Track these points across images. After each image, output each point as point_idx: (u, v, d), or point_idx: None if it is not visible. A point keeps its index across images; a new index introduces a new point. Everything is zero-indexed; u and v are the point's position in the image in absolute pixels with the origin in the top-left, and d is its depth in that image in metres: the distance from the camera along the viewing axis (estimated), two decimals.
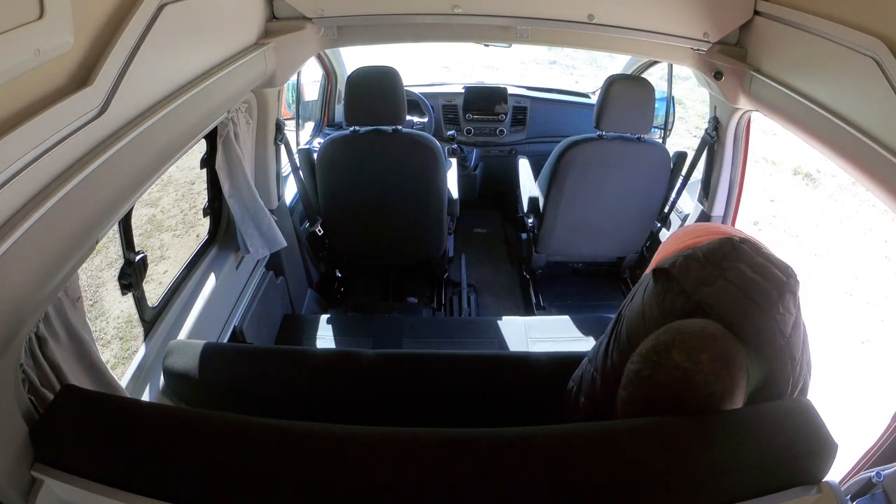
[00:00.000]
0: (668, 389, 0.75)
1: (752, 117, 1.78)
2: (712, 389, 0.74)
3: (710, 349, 0.75)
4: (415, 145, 2.04)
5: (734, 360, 0.76)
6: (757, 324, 0.79)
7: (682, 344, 0.76)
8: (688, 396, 0.75)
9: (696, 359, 0.74)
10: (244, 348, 1.40)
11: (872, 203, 4.31)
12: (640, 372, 0.78)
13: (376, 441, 0.79)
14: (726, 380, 0.75)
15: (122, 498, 0.77)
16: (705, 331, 0.77)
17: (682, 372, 0.74)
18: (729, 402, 0.76)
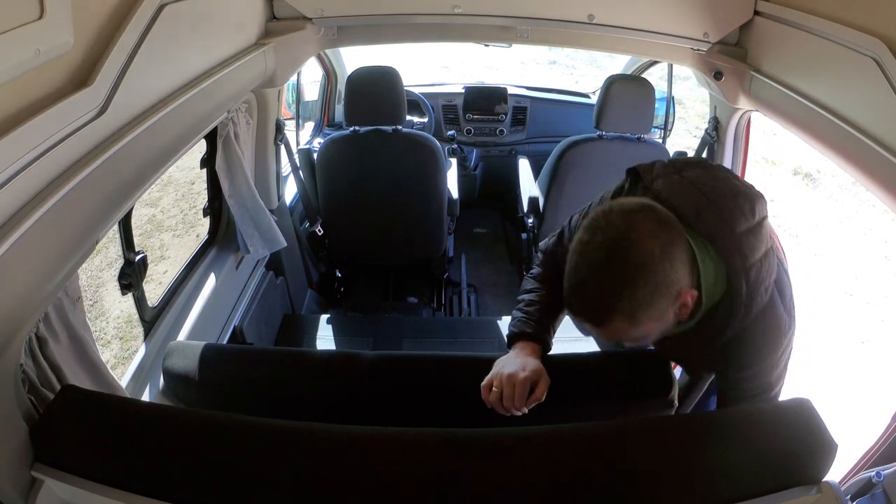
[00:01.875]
0: (607, 250, 0.78)
1: (752, 117, 1.78)
2: (650, 249, 0.77)
3: (646, 212, 0.80)
4: (415, 145, 2.04)
5: (670, 223, 0.80)
6: (704, 213, 0.84)
7: (620, 208, 0.81)
8: (625, 259, 0.77)
9: (631, 219, 0.78)
10: (244, 349, 1.40)
11: (872, 203, 4.31)
12: (581, 238, 0.81)
13: (376, 441, 0.79)
14: (663, 239, 0.78)
15: (122, 498, 0.77)
16: (642, 202, 0.83)
17: (619, 231, 0.77)
18: (669, 266, 0.78)
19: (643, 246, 0.77)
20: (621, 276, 0.77)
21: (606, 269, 0.78)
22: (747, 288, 0.84)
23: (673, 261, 0.78)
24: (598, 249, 0.78)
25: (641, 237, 0.77)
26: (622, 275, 0.77)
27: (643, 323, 0.80)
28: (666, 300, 0.79)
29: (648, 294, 0.77)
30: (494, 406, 0.91)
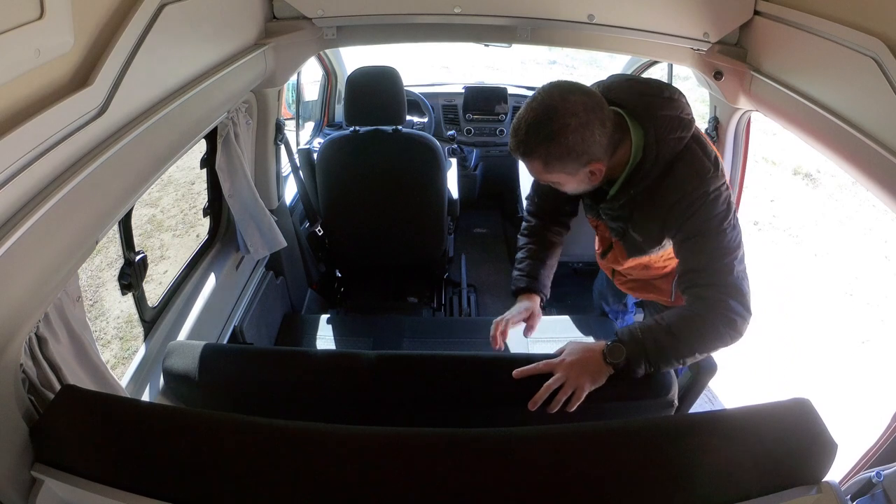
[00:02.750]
0: (541, 111, 1.03)
1: (752, 117, 1.78)
2: (570, 121, 1.01)
3: (579, 95, 1.04)
4: (415, 145, 2.04)
5: (597, 109, 1.04)
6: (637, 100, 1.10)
7: (562, 87, 1.05)
8: (550, 122, 1.01)
9: (566, 96, 1.03)
10: (244, 349, 1.40)
11: (872, 203, 4.31)
12: (530, 98, 1.06)
13: (376, 441, 0.79)
14: (583, 118, 1.02)
15: (122, 498, 0.77)
16: (583, 88, 1.07)
17: (553, 102, 1.02)
18: (581, 139, 1.02)
19: (566, 118, 1.01)
20: (543, 133, 1.03)
21: (535, 124, 1.03)
22: (655, 130, 1.09)
23: (585, 136, 1.03)
24: (536, 109, 1.04)
25: (567, 111, 1.02)
26: (544, 132, 1.03)
27: (554, 172, 1.09)
28: (576, 163, 1.06)
29: (559, 154, 1.04)
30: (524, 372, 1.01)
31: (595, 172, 1.09)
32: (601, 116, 1.04)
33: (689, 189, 1.10)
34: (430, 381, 1.00)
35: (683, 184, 1.10)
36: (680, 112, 1.11)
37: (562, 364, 1.01)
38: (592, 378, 1.00)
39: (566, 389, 0.98)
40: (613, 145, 1.09)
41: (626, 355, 1.02)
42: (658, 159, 1.09)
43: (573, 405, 0.98)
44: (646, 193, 1.15)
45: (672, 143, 1.09)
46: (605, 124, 1.05)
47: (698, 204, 1.10)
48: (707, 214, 1.09)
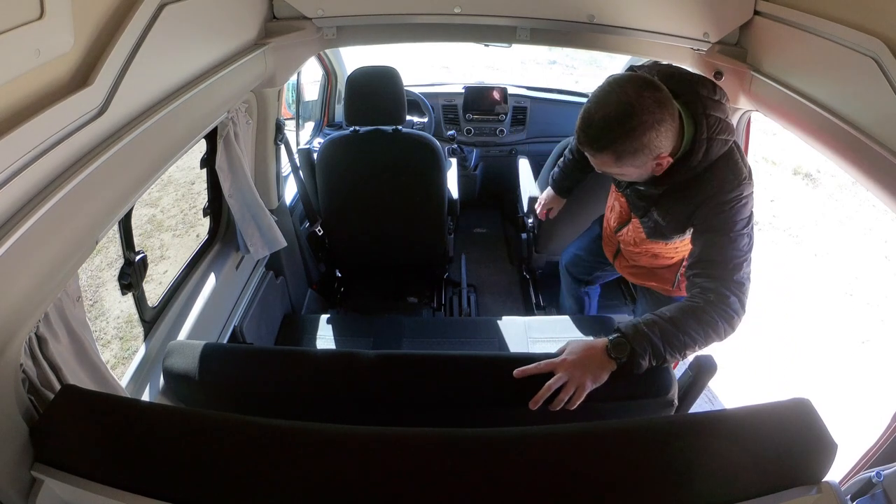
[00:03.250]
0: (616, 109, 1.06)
1: (752, 117, 1.78)
2: (646, 119, 1.05)
3: (652, 90, 1.07)
4: (415, 145, 2.04)
5: (667, 103, 1.08)
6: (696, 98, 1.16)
7: (635, 81, 1.08)
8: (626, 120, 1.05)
9: (640, 92, 1.06)
10: (244, 349, 1.40)
11: (872, 203, 4.31)
12: (600, 91, 1.10)
13: (376, 441, 0.79)
14: (657, 116, 1.06)
15: (122, 498, 0.77)
16: (654, 82, 1.10)
17: (629, 98, 1.05)
18: (656, 136, 1.07)
19: (642, 116, 1.05)
20: (619, 130, 1.06)
21: (612, 121, 1.06)
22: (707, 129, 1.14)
23: (660, 132, 1.07)
24: (609, 105, 1.06)
25: (643, 108, 1.05)
26: (620, 130, 1.06)
27: (625, 166, 1.13)
28: (647, 157, 1.11)
29: (634, 149, 1.08)
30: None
31: (661, 164, 1.14)
32: (672, 112, 1.10)
33: (727, 188, 1.17)
34: (429, 381, 1.00)
35: (723, 182, 1.17)
36: (726, 116, 1.19)
37: (563, 363, 1.01)
38: (594, 376, 1.01)
39: (568, 388, 0.98)
40: (678, 140, 1.14)
41: (630, 349, 1.02)
42: (705, 157, 1.16)
43: (574, 404, 0.98)
44: (683, 184, 1.21)
45: (719, 143, 1.16)
46: (675, 119, 1.11)
47: (731, 204, 1.16)
48: (735, 216, 1.16)
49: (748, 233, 1.17)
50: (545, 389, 0.98)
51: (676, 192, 1.24)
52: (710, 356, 1.07)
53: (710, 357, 1.07)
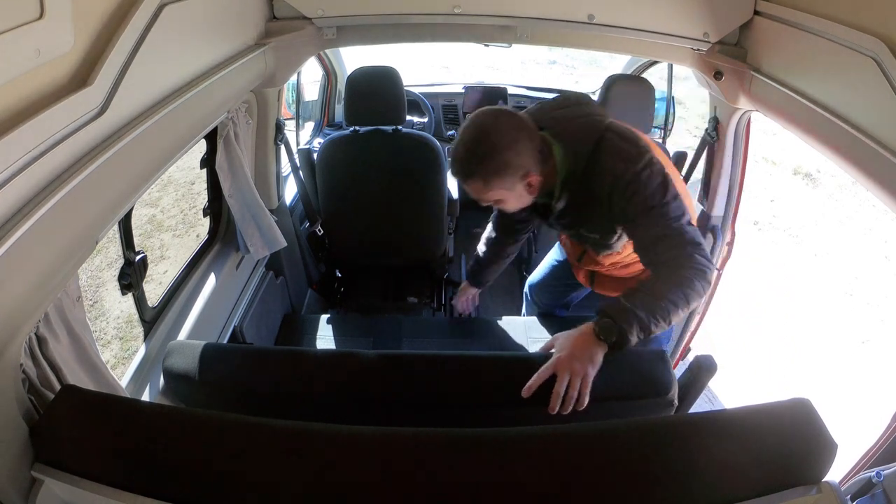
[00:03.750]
0: (474, 133, 1.15)
1: (752, 117, 1.78)
2: (503, 139, 1.12)
3: (507, 116, 1.16)
4: (415, 145, 2.04)
5: (524, 127, 1.16)
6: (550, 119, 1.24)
7: (491, 109, 1.19)
8: (483, 141, 1.13)
9: (495, 116, 1.15)
10: (244, 349, 1.40)
11: (872, 203, 4.31)
12: (463, 124, 1.18)
13: (377, 441, 0.79)
14: (513, 136, 1.13)
15: (122, 498, 0.77)
16: (509, 110, 1.20)
17: (485, 123, 1.15)
18: (515, 154, 1.13)
19: (498, 136, 1.13)
20: (479, 153, 1.13)
21: (472, 146, 1.14)
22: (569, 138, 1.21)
23: (518, 150, 1.13)
24: (470, 131, 1.15)
25: (498, 130, 1.13)
26: (480, 152, 1.13)
27: (495, 189, 1.18)
28: (513, 177, 1.16)
29: (496, 169, 1.14)
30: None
31: (532, 184, 1.19)
32: (528, 133, 1.16)
33: (619, 174, 1.17)
34: (430, 381, 1.00)
35: (612, 171, 1.18)
36: (589, 112, 1.25)
37: (560, 362, 1.00)
38: (592, 362, 1.00)
39: (574, 384, 0.97)
40: (543, 158, 1.19)
41: (617, 328, 1.02)
42: (577, 157, 1.20)
43: (584, 397, 0.97)
44: (583, 194, 1.24)
45: (583, 139, 1.21)
46: (532, 138, 1.17)
47: (634, 185, 1.16)
48: (645, 192, 1.16)
49: (671, 198, 1.16)
50: (555, 396, 0.97)
51: (586, 203, 1.26)
52: (709, 356, 1.07)
53: (709, 357, 1.07)
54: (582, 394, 0.98)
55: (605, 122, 1.24)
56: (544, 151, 1.20)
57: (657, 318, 1.05)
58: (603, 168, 1.19)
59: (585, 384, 0.98)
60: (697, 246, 1.13)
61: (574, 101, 1.29)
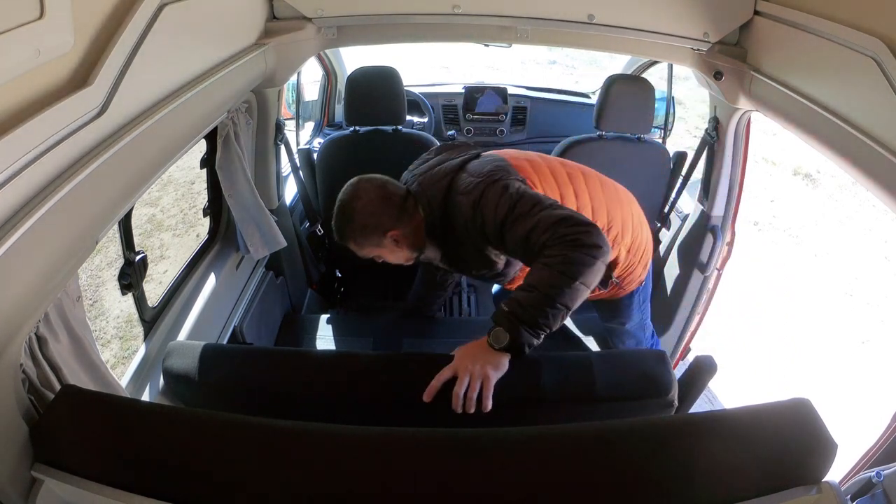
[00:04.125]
0: (341, 202, 1.27)
1: (752, 117, 1.78)
2: (360, 205, 1.24)
3: (366, 182, 1.28)
4: (415, 145, 2.04)
5: (382, 192, 1.27)
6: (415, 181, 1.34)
7: (356, 179, 1.29)
8: (347, 209, 1.26)
9: (356, 186, 1.28)
10: (244, 349, 1.40)
11: (872, 203, 4.31)
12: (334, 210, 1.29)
13: (377, 441, 0.79)
14: (367, 199, 1.25)
15: (122, 498, 0.77)
16: (371, 177, 1.29)
17: (348, 193, 1.27)
18: (371, 216, 1.24)
19: (358, 205, 1.25)
20: (344, 218, 1.27)
21: (337, 214, 1.28)
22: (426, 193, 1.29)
23: (375, 211, 1.25)
24: (338, 202, 1.28)
25: (356, 196, 1.26)
26: (345, 218, 1.27)
27: (367, 247, 1.30)
28: (377, 236, 1.27)
29: (360, 232, 1.27)
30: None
31: (398, 239, 1.28)
32: (383, 194, 1.27)
33: (464, 210, 1.24)
34: (430, 381, 1.00)
35: (459, 208, 1.25)
36: (447, 159, 1.35)
37: (459, 364, 1.00)
38: (492, 365, 1.00)
39: (473, 385, 0.97)
40: (407, 216, 1.28)
41: (507, 334, 1.02)
42: (431, 206, 1.28)
43: (487, 398, 0.97)
44: (450, 238, 1.31)
45: (436, 187, 1.28)
46: (389, 199, 1.27)
47: (480, 214, 1.22)
48: (493, 210, 1.20)
49: (517, 195, 1.19)
50: (455, 397, 0.97)
51: (451, 244, 1.34)
52: (710, 356, 1.07)
53: (710, 357, 1.07)
54: (484, 395, 0.97)
55: (461, 162, 1.31)
56: (409, 209, 1.28)
57: (544, 309, 1.04)
58: (454, 209, 1.26)
59: (487, 386, 0.98)
60: (563, 221, 1.11)
61: (444, 150, 1.41)
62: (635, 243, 1.49)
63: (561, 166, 1.43)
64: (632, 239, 1.48)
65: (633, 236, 1.47)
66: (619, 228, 1.44)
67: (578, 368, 1.05)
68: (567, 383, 1.03)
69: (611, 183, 1.51)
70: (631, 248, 1.48)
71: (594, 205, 1.40)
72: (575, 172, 1.43)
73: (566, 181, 1.39)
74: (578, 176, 1.43)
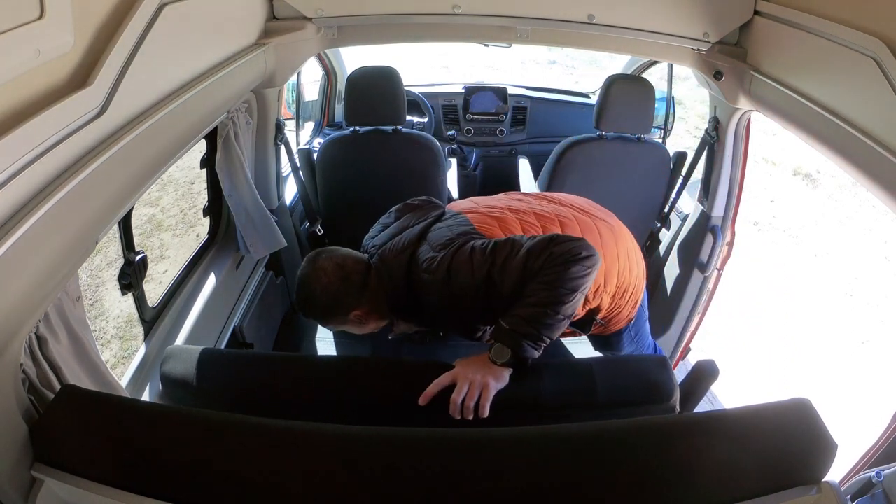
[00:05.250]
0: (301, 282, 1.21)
1: (752, 117, 1.78)
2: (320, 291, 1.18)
3: (326, 260, 1.20)
4: (415, 145, 2.04)
5: (340, 264, 1.20)
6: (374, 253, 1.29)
7: (315, 257, 1.22)
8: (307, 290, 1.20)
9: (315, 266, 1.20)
10: (243, 354, 1.40)
11: (872, 203, 4.31)
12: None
13: (377, 441, 0.79)
14: (327, 281, 1.18)
15: (122, 498, 0.77)
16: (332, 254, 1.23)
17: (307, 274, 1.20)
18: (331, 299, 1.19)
19: (318, 287, 1.19)
20: (307, 300, 1.22)
21: (299, 294, 1.23)
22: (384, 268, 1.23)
23: (339, 295, 1.19)
24: (299, 280, 1.22)
25: (315, 279, 1.19)
26: (307, 299, 1.21)
27: (331, 323, 1.27)
28: (342, 315, 1.22)
29: (323, 311, 1.23)
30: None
31: (362, 316, 1.23)
32: (342, 274, 1.20)
33: (429, 288, 1.18)
34: (428, 386, 1.00)
35: (424, 285, 1.19)
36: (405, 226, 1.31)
37: (457, 372, 1.01)
38: (494, 376, 1.00)
39: (472, 393, 0.98)
40: (370, 292, 1.22)
41: (509, 349, 1.03)
42: (392, 279, 1.21)
43: (485, 405, 0.97)
44: (419, 309, 1.25)
45: (397, 259, 1.23)
46: (348, 279, 1.20)
47: (458, 282, 1.15)
48: (469, 271, 1.15)
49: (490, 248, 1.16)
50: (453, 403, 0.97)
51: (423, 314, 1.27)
52: (711, 361, 1.07)
53: (711, 362, 1.07)
54: (482, 403, 0.97)
55: (420, 231, 1.26)
56: (371, 284, 1.22)
57: (544, 322, 1.05)
58: (421, 285, 1.19)
59: (485, 394, 0.98)
60: (553, 241, 1.11)
61: (407, 210, 1.37)
62: (622, 287, 1.42)
63: (534, 218, 1.36)
64: (618, 284, 1.41)
65: (619, 281, 1.41)
66: (602, 279, 1.36)
67: (579, 375, 1.05)
68: (568, 390, 1.03)
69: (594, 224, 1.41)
70: (616, 293, 1.42)
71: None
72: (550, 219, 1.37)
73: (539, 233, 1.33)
74: (553, 224, 1.36)
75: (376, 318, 1.27)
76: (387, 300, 1.24)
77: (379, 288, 1.22)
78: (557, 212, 1.40)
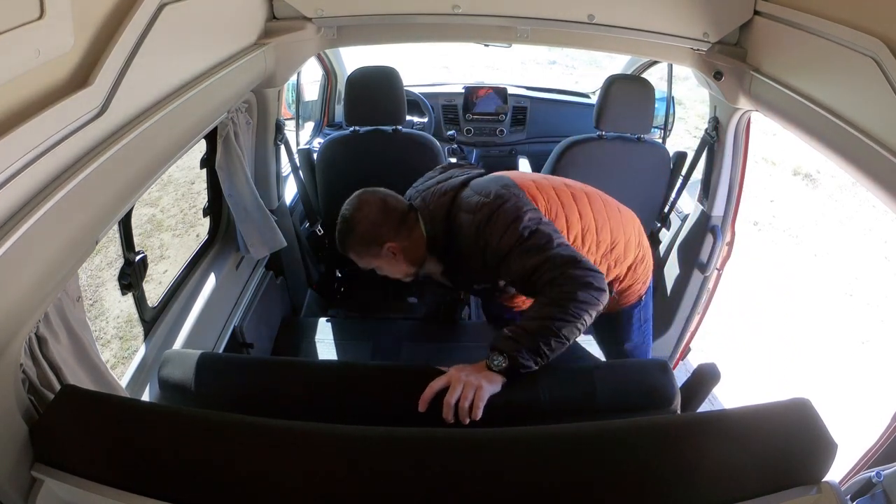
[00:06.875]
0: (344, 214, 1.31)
1: (752, 117, 1.78)
2: (362, 218, 1.29)
3: (369, 195, 1.32)
4: (415, 145, 2.04)
5: (384, 206, 1.30)
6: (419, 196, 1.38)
7: (361, 192, 1.33)
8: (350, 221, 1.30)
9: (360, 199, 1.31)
10: (241, 359, 1.39)
11: (872, 203, 4.31)
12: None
13: (377, 441, 0.79)
14: (372, 213, 1.29)
15: (122, 498, 0.77)
16: (376, 191, 1.34)
17: (352, 205, 1.31)
18: (373, 228, 1.28)
19: (359, 216, 1.29)
20: (347, 231, 1.31)
21: (340, 226, 1.32)
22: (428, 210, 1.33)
23: (375, 223, 1.28)
24: (342, 212, 1.32)
25: (357, 209, 1.30)
26: (347, 230, 1.31)
27: (365, 257, 1.34)
28: (377, 247, 1.30)
29: (360, 242, 1.31)
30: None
31: (395, 252, 1.31)
32: (384, 206, 1.30)
33: (465, 228, 1.26)
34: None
35: (462, 226, 1.27)
36: (450, 176, 1.38)
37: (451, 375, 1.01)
38: (487, 380, 1.01)
39: (466, 394, 0.98)
40: (407, 229, 1.31)
41: (507, 357, 1.04)
42: (434, 222, 1.30)
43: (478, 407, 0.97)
44: (452, 253, 1.32)
45: (439, 203, 1.31)
46: (388, 213, 1.29)
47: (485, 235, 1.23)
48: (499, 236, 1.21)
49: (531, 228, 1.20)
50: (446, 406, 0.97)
51: (453, 259, 1.35)
52: (713, 364, 1.07)
53: (713, 365, 1.07)
54: (475, 404, 0.97)
55: (465, 179, 1.34)
56: (409, 223, 1.31)
57: (547, 337, 1.06)
58: (458, 225, 1.28)
59: (479, 396, 0.98)
60: (573, 263, 1.15)
61: (449, 167, 1.45)
62: (636, 261, 1.53)
63: (565, 187, 1.45)
64: (634, 257, 1.51)
65: (634, 255, 1.51)
66: (623, 248, 1.47)
67: (579, 379, 1.05)
68: (568, 395, 1.03)
69: (613, 202, 1.53)
70: (633, 266, 1.52)
71: (598, 225, 1.42)
72: (579, 193, 1.45)
73: (571, 202, 1.41)
74: (582, 196, 1.45)
75: (408, 257, 1.33)
76: (425, 240, 1.32)
77: (417, 227, 1.31)
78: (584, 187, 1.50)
